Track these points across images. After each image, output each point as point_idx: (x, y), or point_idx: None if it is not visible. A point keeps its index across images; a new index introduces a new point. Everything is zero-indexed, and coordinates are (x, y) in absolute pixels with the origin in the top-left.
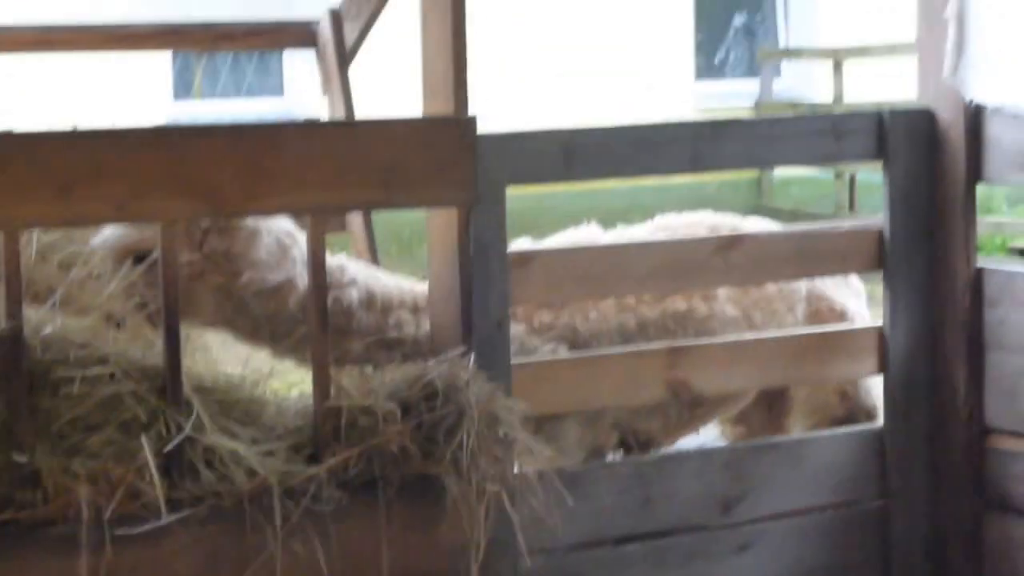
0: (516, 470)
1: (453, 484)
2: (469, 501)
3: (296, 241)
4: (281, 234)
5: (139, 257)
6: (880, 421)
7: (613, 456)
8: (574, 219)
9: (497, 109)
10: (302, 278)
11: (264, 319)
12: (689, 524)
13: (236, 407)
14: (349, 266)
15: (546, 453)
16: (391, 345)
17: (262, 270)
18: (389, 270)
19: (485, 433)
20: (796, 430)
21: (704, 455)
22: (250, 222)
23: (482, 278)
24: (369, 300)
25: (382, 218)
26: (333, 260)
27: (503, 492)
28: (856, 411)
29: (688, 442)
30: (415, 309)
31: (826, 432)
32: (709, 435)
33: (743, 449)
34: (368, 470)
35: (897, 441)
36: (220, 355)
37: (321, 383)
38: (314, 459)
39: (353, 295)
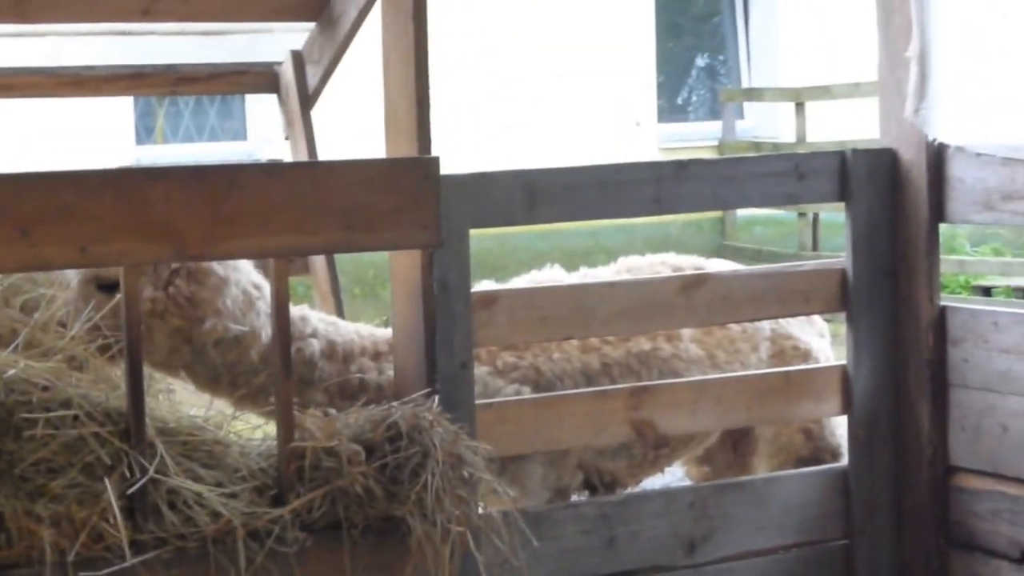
0: (481, 511)
1: (417, 525)
2: (434, 542)
3: (262, 294)
4: (248, 285)
5: (104, 285)
6: (845, 460)
7: (578, 496)
8: (537, 259)
9: (456, 149)
10: (266, 330)
11: (224, 368)
12: (654, 564)
13: (200, 449)
14: (311, 317)
15: (511, 494)
16: (353, 394)
17: (225, 319)
18: (353, 312)
19: (449, 474)
20: (761, 470)
21: (669, 495)
22: (219, 270)
23: (446, 319)
24: (331, 350)
25: (346, 259)
26: (295, 311)
27: (468, 533)
28: (821, 450)
29: (653, 482)
30: (376, 356)
31: (791, 472)
32: (674, 475)
33: (708, 489)
34: (332, 511)
35: (862, 480)
36: (184, 397)
37: (285, 425)
38: (278, 501)
39: (315, 346)
